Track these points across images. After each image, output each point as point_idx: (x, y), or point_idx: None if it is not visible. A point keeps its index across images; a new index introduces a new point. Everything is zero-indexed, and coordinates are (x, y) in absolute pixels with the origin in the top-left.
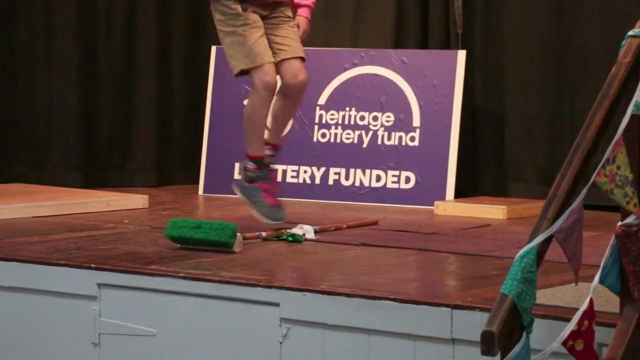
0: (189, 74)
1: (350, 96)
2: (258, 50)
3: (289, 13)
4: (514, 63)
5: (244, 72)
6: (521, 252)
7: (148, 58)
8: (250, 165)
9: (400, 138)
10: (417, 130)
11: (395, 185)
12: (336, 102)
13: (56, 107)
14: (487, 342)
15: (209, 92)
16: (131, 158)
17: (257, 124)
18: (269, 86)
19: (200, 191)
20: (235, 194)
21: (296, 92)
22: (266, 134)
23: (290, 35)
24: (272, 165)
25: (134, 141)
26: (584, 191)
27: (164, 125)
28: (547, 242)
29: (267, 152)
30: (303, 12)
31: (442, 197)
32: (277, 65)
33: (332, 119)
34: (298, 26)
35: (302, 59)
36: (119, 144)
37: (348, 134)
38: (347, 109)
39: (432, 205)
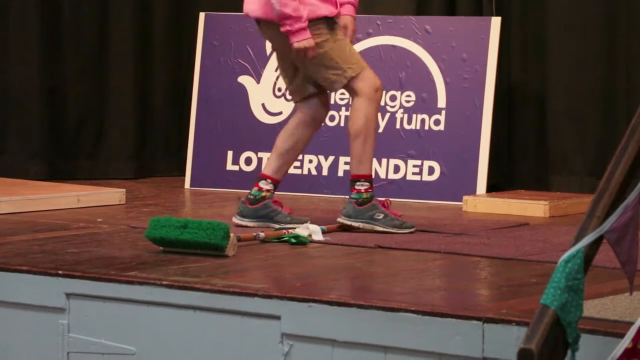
0: (173, 43)
1: None
2: (357, 55)
3: None
4: (558, 31)
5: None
6: (565, 256)
7: (124, 24)
8: (365, 185)
9: (422, 121)
10: (443, 113)
11: (417, 177)
12: None
13: (13, 82)
14: None
15: (196, 65)
16: (104, 144)
17: (375, 138)
18: (381, 88)
19: (187, 184)
20: (228, 188)
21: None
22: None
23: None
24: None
25: (108, 124)
26: None
27: (143, 104)
28: (596, 245)
29: (268, 187)
30: (348, 11)
31: (472, 191)
32: (312, 97)
33: (341, 100)
34: (345, 27)
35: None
36: (89, 128)
37: None
38: None
39: (460, 200)
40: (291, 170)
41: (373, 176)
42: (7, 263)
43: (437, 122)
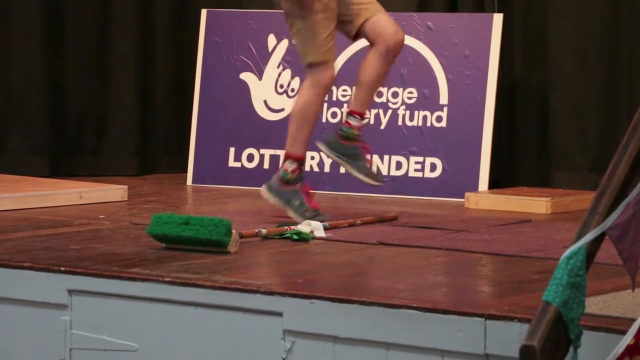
0: (175, 40)
1: None
2: (329, 45)
3: None
4: (560, 27)
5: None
6: (567, 252)
7: (126, 20)
8: (294, 166)
9: (424, 118)
10: (445, 109)
11: (419, 174)
12: (348, 76)
13: (15, 79)
14: (527, 359)
15: (198, 62)
16: (107, 141)
17: (310, 122)
18: (331, 83)
19: (189, 181)
20: (230, 185)
21: (391, 53)
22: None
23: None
24: (361, 138)
25: (110, 120)
26: None
27: (145, 101)
28: (598, 241)
29: (354, 122)
30: None
31: (474, 187)
32: (362, 27)
33: (344, 96)
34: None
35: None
36: (91, 124)
37: None
38: None
39: (462, 197)
40: None
41: (302, 157)
42: (9, 260)
43: (439, 119)
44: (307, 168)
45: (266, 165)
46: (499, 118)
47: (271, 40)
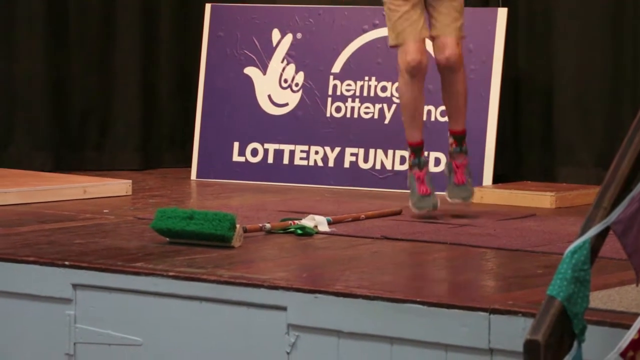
0: (179, 35)
1: (370, 63)
2: (403, 27)
3: None
4: (565, 22)
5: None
6: (572, 247)
7: (130, 15)
8: (409, 151)
9: (429, 113)
10: None
11: None
12: (353, 71)
13: (19, 74)
14: (532, 353)
15: (202, 56)
16: (111, 136)
17: (408, 109)
18: (409, 67)
19: (193, 176)
20: (234, 179)
21: (444, 70)
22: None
23: (445, 10)
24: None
25: (114, 115)
26: None
27: (149, 95)
28: (602, 236)
29: (451, 140)
30: None
31: (479, 182)
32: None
33: (348, 90)
34: None
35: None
36: (95, 119)
37: (367, 107)
38: (366, 78)
39: None
40: (297, 162)
41: (414, 144)
42: (14, 254)
43: (443, 114)
44: (310, 163)
45: (270, 160)
46: (503, 112)
47: (275, 34)
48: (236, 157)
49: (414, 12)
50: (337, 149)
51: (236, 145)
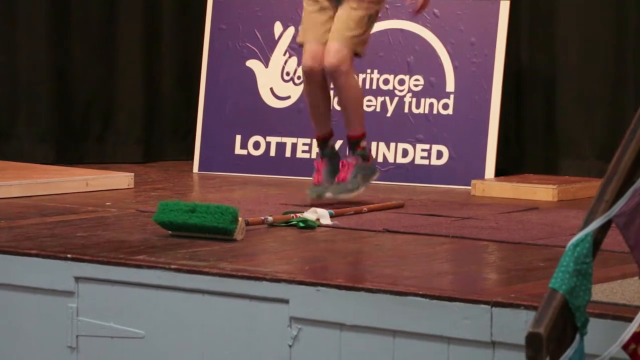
0: (181, 27)
1: (372, 56)
2: (306, 27)
3: None
4: (567, 14)
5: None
6: (574, 240)
7: (132, 7)
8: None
9: (431, 105)
10: (451, 97)
11: (425, 162)
12: (355, 64)
13: (21, 66)
14: (534, 346)
15: (205, 49)
16: (113, 128)
17: (309, 106)
18: (302, 69)
19: (195, 168)
20: (236, 172)
21: (328, 75)
22: None
23: (342, 16)
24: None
25: (116, 107)
26: None
27: (151, 88)
28: (604, 228)
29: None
30: None
31: (481, 175)
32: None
33: None
34: None
35: (343, 40)
36: (97, 111)
37: (369, 100)
38: (369, 71)
39: (469, 184)
40: (298, 154)
41: (317, 137)
42: (16, 247)
43: (445, 106)
44: (313, 155)
45: (272, 153)
46: (505, 105)
47: (277, 27)
48: (238, 150)
49: (320, 15)
50: (339, 142)
51: (238, 138)
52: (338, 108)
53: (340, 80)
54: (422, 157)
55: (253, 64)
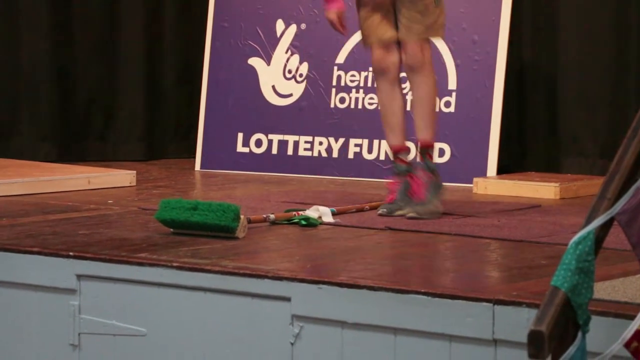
0: (183, 25)
1: None
2: (367, 32)
3: None
4: (570, 13)
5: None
6: (576, 237)
7: (134, 5)
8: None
9: None
10: (453, 94)
11: None
12: (357, 61)
13: (23, 64)
14: (536, 344)
15: (206, 47)
16: (115, 126)
17: (383, 112)
18: (374, 69)
19: (197, 166)
20: (238, 170)
21: (407, 73)
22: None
23: (406, 13)
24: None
25: (118, 105)
26: None
27: (153, 85)
28: (607, 226)
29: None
30: None
31: (483, 173)
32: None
33: (352, 81)
34: None
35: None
36: (99, 109)
37: (371, 98)
38: (371, 69)
39: (471, 182)
40: (301, 152)
41: (395, 150)
42: (18, 244)
43: (447, 104)
44: (314, 153)
45: (274, 151)
46: (507, 103)
47: (279, 25)
48: (240, 148)
49: (375, 17)
50: (341, 140)
51: (240, 136)
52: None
53: (421, 76)
54: None
55: (255, 61)
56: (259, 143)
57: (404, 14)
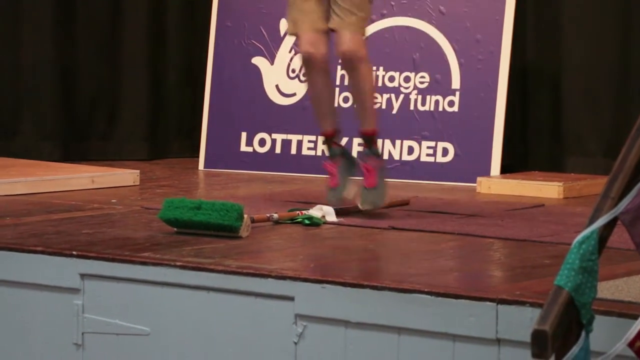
0: (186, 24)
1: (378, 53)
2: (298, 17)
3: None
4: (573, 12)
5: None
6: (580, 237)
7: (137, 4)
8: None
9: (436, 103)
10: (457, 94)
11: (431, 159)
12: None
13: (26, 64)
14: (539, 343)
15: (210, 45)
16: (118, 125)
17: (316, 101)
18: (303, 58)
19: (201, 165)
20: (241, 169)
21: (344, 65)
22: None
23: (341, 3)
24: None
25: (122, 104)
26: None
27: (157, 85)
28: (610, 226)
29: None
30: None
31: (486, 172)
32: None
33: None
34: None
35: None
36: (102, 108)
37: (375, 97)
38: (374, 68)
39: (474, 182)
40: (304, 152)
41: (323, 134)
42: (22, 244)
43: (451, 104)
44: (318, 153)
45: (278, 150)
46: (511, 102)
47: (283, 24)
48: (244, 147)
49: (308, 3)
50: (345, 140)
51: (244, 135)
52: (344, 105)
53: (361, 67)
54: (427, 155)
55: (259, 61)
56: (262, 142)
57: (340, 4)
